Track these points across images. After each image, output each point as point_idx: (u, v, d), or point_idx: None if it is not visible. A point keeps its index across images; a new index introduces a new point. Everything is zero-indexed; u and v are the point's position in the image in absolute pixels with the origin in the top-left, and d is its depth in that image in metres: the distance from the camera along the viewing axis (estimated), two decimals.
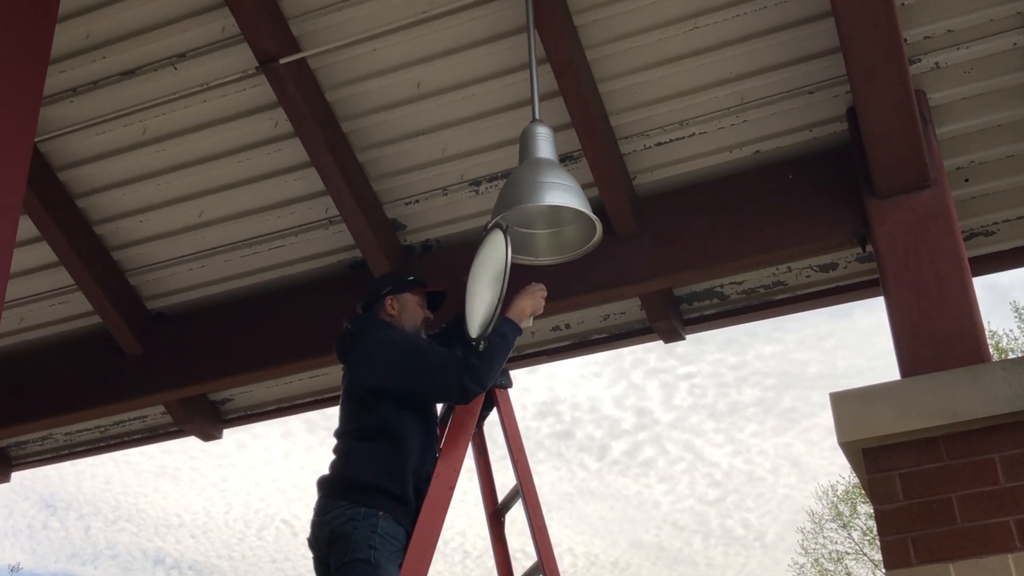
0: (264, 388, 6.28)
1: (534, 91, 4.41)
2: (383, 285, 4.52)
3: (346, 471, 4.07)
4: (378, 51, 4.99)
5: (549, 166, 4.20)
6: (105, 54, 5.17)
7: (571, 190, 4.12)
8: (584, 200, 4.16)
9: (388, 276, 4.72)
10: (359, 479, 4.00)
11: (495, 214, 4.18)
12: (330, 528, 3.96)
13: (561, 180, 4.14)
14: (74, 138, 5.44)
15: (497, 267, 4.06)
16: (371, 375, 4.15)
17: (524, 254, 4.35)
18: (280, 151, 5.33)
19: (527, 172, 4.19)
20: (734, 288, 5.45)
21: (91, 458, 6.89)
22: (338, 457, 4.17)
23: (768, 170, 4.98)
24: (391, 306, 4.42)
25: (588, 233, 4.28)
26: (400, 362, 4.13)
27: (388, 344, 4.21)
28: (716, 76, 4.85)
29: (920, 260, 4.32)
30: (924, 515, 3.68)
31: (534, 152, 4.27)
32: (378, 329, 4.31)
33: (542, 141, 4.30)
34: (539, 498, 4.30)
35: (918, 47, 4.60)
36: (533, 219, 4.39)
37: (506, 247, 4.05)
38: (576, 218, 4.30)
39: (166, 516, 39.21)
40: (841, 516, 29.65)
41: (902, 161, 4.40)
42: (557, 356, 5.86)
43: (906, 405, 3.79)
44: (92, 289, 5.74)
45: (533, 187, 4.11)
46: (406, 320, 4.41)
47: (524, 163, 4.25)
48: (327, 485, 4.12)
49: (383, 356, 4.18)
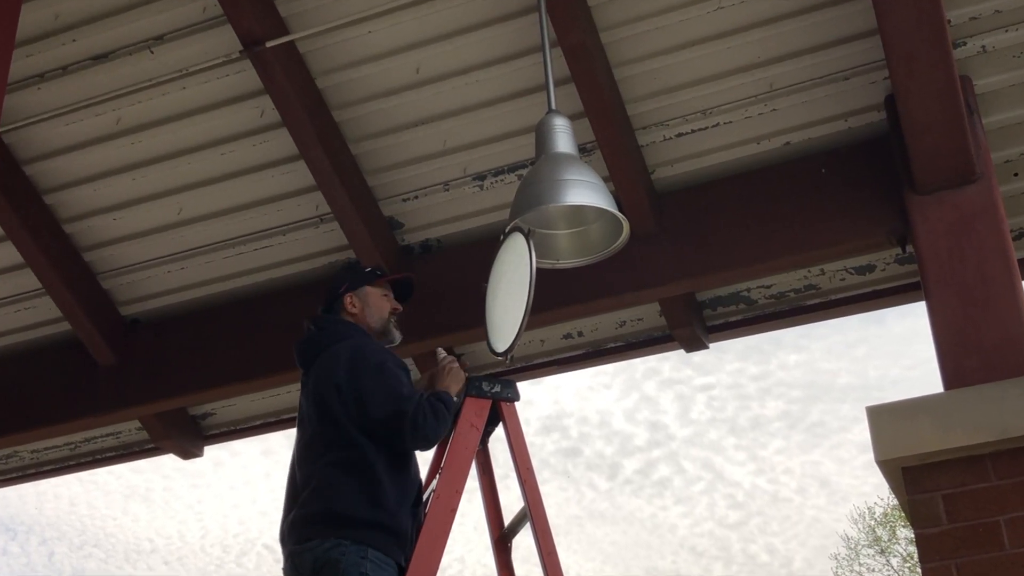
0: (248, 401, 6.29)
1: (549, 77, 4.39)
2: (339, 281, 4.42)
3: (328, 506, 3.92)
4: (373, 33, 5.01)
5: (569, 161, 4.21)
6: (75, 36, 5.20)
7: (595, 187, 4.14)
8: (609, 197, 4.17)
9: (344, 270, 4.59)
10: (343, 514, 3.88)
11: (513, 216, 4.20)
12: (314, 555, 3.90)
13: (583, 177, 4.15)
14: (41, 128, 5.47)
15: (521, 275, 4.06)
16: (346, 387, 4.06)
17: (545, 257, 4.35)
18: (266, 142, 5.36)
19: (546, 169, 4.20)
20: (762, 292, 5.47)
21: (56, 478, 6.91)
22: (312, 489, 4.00)
23: (799, 163, 5.00)
24: (351, 304, 4.34)
25: (613, 232, 4.28)
26: (362, 377, 4.03)
27: (356, 353, 4.13)
28: (742, 60, 4.86)
29: (965, 261, 4.34)
30: (970, 540, 3.70)
31: (552, 146, 4.28)
32: (345, 335, 4.23)
33: (560, 134, 4.29)
34: (548, 521, 4.31)
35: (963, 29, 4.61)
36: (553, 218, 4.40)
37: (530, 253, 4.05)
38: (599, 216, 4.31)
39: (137, 541, 39.21)
40: (879, 541, 29.67)
41: (945, 153, 4.42)
42: (569, 366, 5.88)
43: (950, 420, 3.81)
44: (61, 293, 5.76)
45: (553, 186, 4.12)
46: (371, 317, 4.33)
47: (542, 159, 4.26)
48: (299, 521, 3.99)
49: (352, 365, 4.11)
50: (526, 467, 4.33)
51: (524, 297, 4.02)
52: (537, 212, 4.25)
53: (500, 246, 4.30)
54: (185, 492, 41.62)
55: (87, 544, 40.08)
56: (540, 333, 5.71)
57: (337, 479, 3.96)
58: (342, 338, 4.21)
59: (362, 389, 4.01)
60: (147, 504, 40.41)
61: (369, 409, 3.99)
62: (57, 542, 39.84)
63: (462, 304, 5.00)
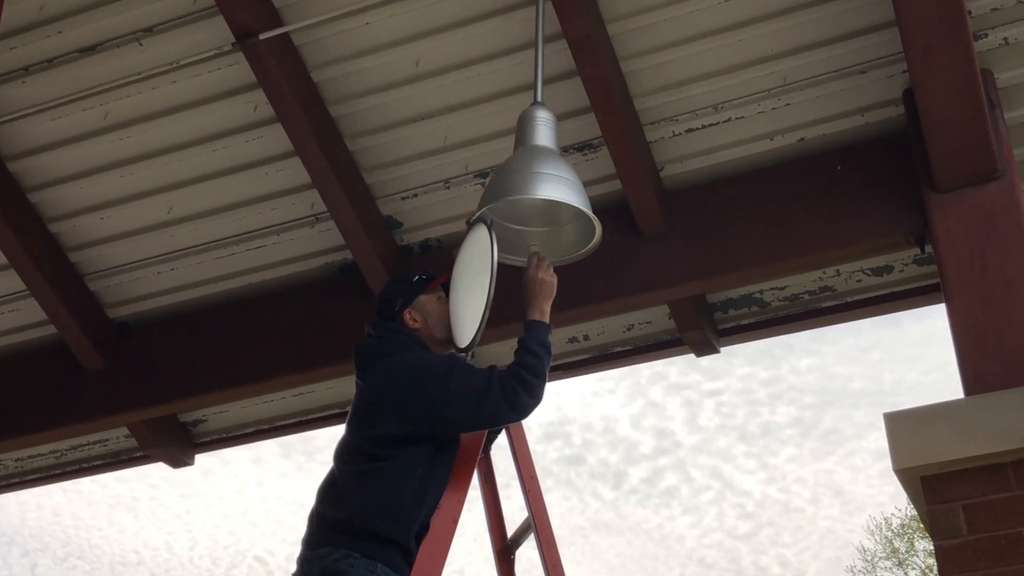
0: (241, 408, 6.30)
1: (538, 67, 4.39)
2: (391, 300, 4.33)
3: (348, 515, 3.95)
4: (371, 25, 5.02)
5: (547, 155, 4.19)
6: (61, 28, 5.22)
7: (570, 184, 4.10)
8: (584, 197, 4.13)
9: (392, 286, 4.44)
10: (361, 526, 3.90)
11: (481, 205, 4.17)
12: (323, 564, 3.96)
13: (559, 172, 4.11)
14: (26, 124, 5.48)
15: (483, 269, 4.04)
16: (396, 403, 4.07)
17: (513, 254, 4.33)
18: (260, 138, 5.37)
19: (521, 160, 4.19)
20: (775, 294, 5.47)
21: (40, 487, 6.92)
22: (338, 492, 4.06)
23: (814, 160, 5.01)
24: (412, 320, 4.31)
25: (587, 235, 4.24)
26: (436, 389, 4.00)
27: (418, 367, 4.07)
28: (755, 53, 4.87)
29: (986, 262, 4.35)
30: (991, 552, 3.70)
31: (531, 139, 4.26)
32: (406, 346, 4.20)
33: (541, 127, 4.28)
34: (553, 532, 4.31)
35: (984, 20, 4.62)
36: (526, 215, 4.34)
37: (491, 246, 4.03)
38: (574, 217, 4.26)
39: (123, 553, 39.22)
40: (897, 553, 29.68)
41: (966, 150, 4.43)
42: (574, 371, 5.89)
43: (971, 427, 3.81)
44: (46, 295, 5.77)
45: (526, 178, 4.09)
46: (435, 327, 4.25)
47: (519, 150, 4.25)
48: (320, 522, 4.09)
49: (413, 382, 4.09)
50: (530, 475, 4.33)
51: (485, 292, 4.00)
52: (510, 206, 4.23)
53: (464, 238, 4.26)
54: (173, 502, 41.64)
55: (71, 556, 40.06)
56: None
57: (363, 489, 3.99)
58: (403, 349, 4.19)
59: (435, 401, 3.98)
60: (133, 514, 40.43)
61: (455, 416, 3.99)
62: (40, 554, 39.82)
63: None
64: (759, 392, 42.41)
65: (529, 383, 3.97)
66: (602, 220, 4.12)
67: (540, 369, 4.00)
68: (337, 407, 6.13)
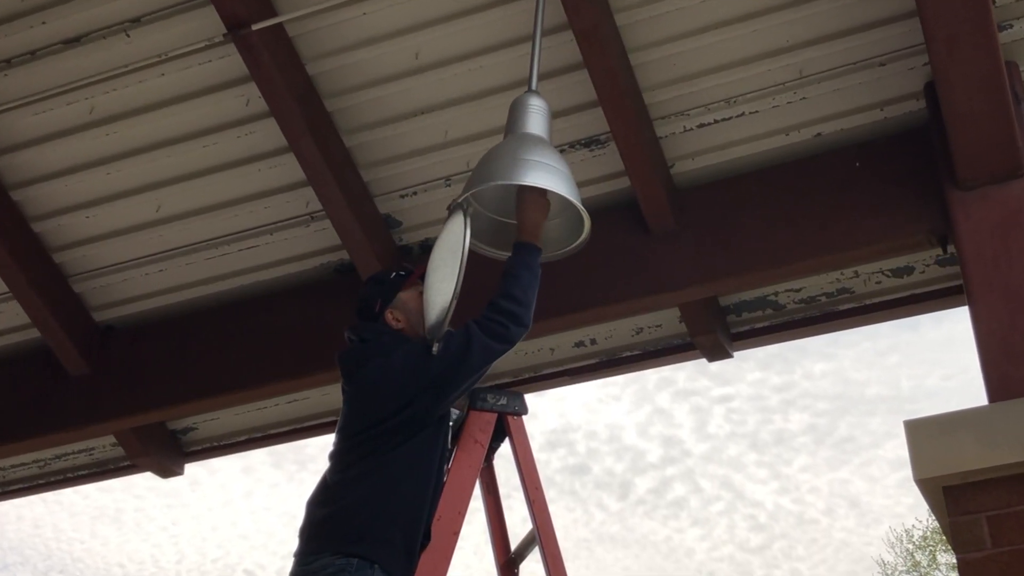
0: (233, 415, 6.32)
1: (535, 54, 4.40)
2: (371, 301, 4.40)
3: (343, 517, 4.01)
4: (368, 15, 5.03)
5: (536, 143, 4.18)
6: (45, 19, 5.22)
7: (558, 173, 4.09)
8: (573, 188, 4.12)
9: (370, 287, 4.50)
10: (356, 525, 3.96)
11: (465, 190, 4.17)
12: None
13: (548, 160, 4.11)
14: (8, 118, 5.49)
15: (455, 256, 4.05)
16: (392, 393, 4.10)
17: (494, 247, 4.34)
18: (252, 134, 5.38)
19: (508, 146, 4.18)
20: (791, 297, 5.48)
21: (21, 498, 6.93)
22: (331, 494, 4.12)
23: (831, 156, 5.01)
24: (394, 319, 4.35)
25: (576, 230, 4.24)
26: (425, 363, 4.10)
27: (403, 354, 4.15)
28: (769, 45, 4.88)
29: (1011, 263, 4.35)
30: (1016, 565, 3.71)
31: (522, 126, 4.25)
32: (391, 346, 4.23)
33: (534, 115, 4.27)
34: (559, 545, 4.32)
35: (1009, 10, 4.63)
36: (512, 207, 4.32)
37: (465, 231, 4.04)
38: (563, 210, 4.26)
39: (107, 566, 39.28)
40: (918, 566, 29.69)
41: (990, 146, 4.43)
42: (580, 377, 5.90)
43: (995, 435, 3.82)
44: (29, 298, 5.78)
45: (512, 164, 4.09)
46: (417, 323, 4.28)
47: (509, 137, 4.25)
48: (312, 528, 4.12)
49: (406, 369, 4.13)
50: (535, 486, 4.33)
51: (453, 280, 4.02)
52: (497, 199, 4.22)
53: (443, 225, 4.24)
54: (159, 513, 41.73)
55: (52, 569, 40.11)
56: (550, 341, 5.72)
57: (358, 489, 4.04)
58: (389, 351, 4.21)
59: (429, 371, 4.07)
60: (117, 526, 40.53)
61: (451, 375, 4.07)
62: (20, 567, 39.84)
63: (463, 306, 4.99)
64: (771, 398, 42.51)
65: (510, 311, 4.07)
66: (611, 219, 4.13)
67: (522, 296, 4.09)
68: (332, 414, 6.12)
